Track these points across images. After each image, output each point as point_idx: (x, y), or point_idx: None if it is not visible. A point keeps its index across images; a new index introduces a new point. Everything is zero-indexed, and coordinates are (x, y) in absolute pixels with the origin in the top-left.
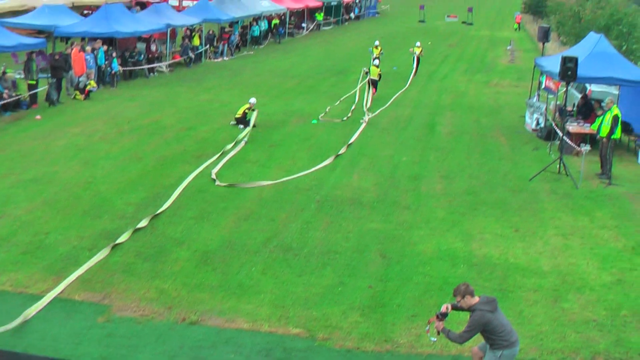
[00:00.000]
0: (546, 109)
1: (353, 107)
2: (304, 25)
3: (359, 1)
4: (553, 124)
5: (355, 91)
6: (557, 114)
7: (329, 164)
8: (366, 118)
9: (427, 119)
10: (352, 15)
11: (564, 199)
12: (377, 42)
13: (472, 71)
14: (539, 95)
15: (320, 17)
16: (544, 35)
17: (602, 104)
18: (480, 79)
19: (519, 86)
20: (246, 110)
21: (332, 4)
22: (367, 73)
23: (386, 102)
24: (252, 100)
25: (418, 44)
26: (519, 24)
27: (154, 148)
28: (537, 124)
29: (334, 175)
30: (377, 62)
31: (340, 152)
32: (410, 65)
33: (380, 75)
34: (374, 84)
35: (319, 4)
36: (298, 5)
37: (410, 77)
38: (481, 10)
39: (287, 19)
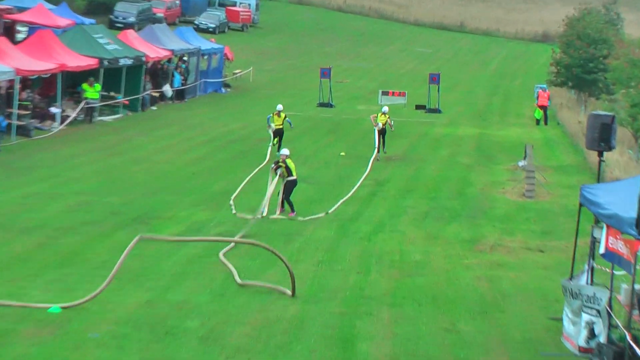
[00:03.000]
0: (611, 300)
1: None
2: (55, 110)
3: (183, 59)
4: (628, 336)
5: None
6: (636, 310)
7: None
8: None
9: (338, 324)
10: (168, 90)
11: None
12: (280, 107)
13: (436, 218)
14: (591, 270)
15: (93, 93)
16: (604, 134)
17: None
18: (457, 236)
19: (546, 250)
20: None
21: (122, 63)
22: (276, 170)
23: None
24: None
25: (385, 109)
26: (544, 109)
27: None
28: (591, 335)
29: None
30: (287, 151)
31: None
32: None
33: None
34: (291, 186)
35: (91, 62)
36: (44, 66)
37: (372, 157)
38: (458, 81)
39: (17, 95)
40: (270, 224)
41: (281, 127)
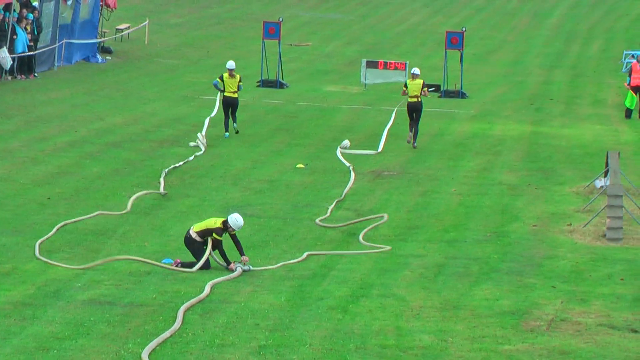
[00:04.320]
0: None
1: None
2: None
3: (33, 5)
4: None
5: None
6: None
7: None
8: None
9: None
10: (5, 58)
11: None
12: (232, 64)
13: (458, 275)
14: None
15: None
16: None
17: None
18: (492, 304)
19: None
20: None
21: None
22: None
23: None
24: None
25: (416, 70)
26: None
27: None
28: None
29: None
30: (240, 220)
31: None
32: None
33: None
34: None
35: None
36: None
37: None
38: (496, 44)
39: None
40: (179, 283)
41: (235, 95)
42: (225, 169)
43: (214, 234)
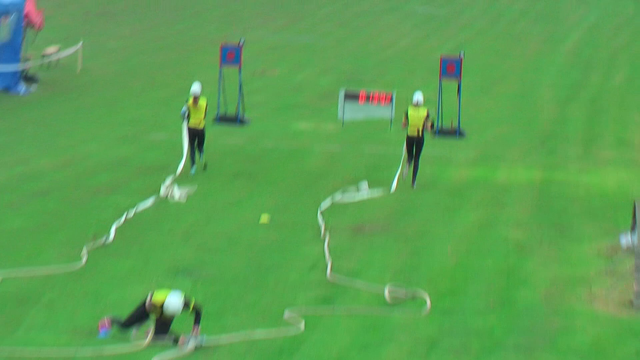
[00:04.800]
0: None
1: None
2: None
3: None
4: None
5: None
6: None
7: None
8: None
9: None
10: None
11: None
12: (197, 89)
13: (455, 351)
14: None
15: None
16: None
17: None
18: None
19: None
20: None
21: None
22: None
23: None
24: None
25: (419, 98)
26: None
27: None
28: None
29: None
30: (177, 301)
31: None
32: None
33: None
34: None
35: None
36: None
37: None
38: (500, 73)
39: None
40: None
41: (201, 126)
42: (174, 223)
43: (147, 308)
